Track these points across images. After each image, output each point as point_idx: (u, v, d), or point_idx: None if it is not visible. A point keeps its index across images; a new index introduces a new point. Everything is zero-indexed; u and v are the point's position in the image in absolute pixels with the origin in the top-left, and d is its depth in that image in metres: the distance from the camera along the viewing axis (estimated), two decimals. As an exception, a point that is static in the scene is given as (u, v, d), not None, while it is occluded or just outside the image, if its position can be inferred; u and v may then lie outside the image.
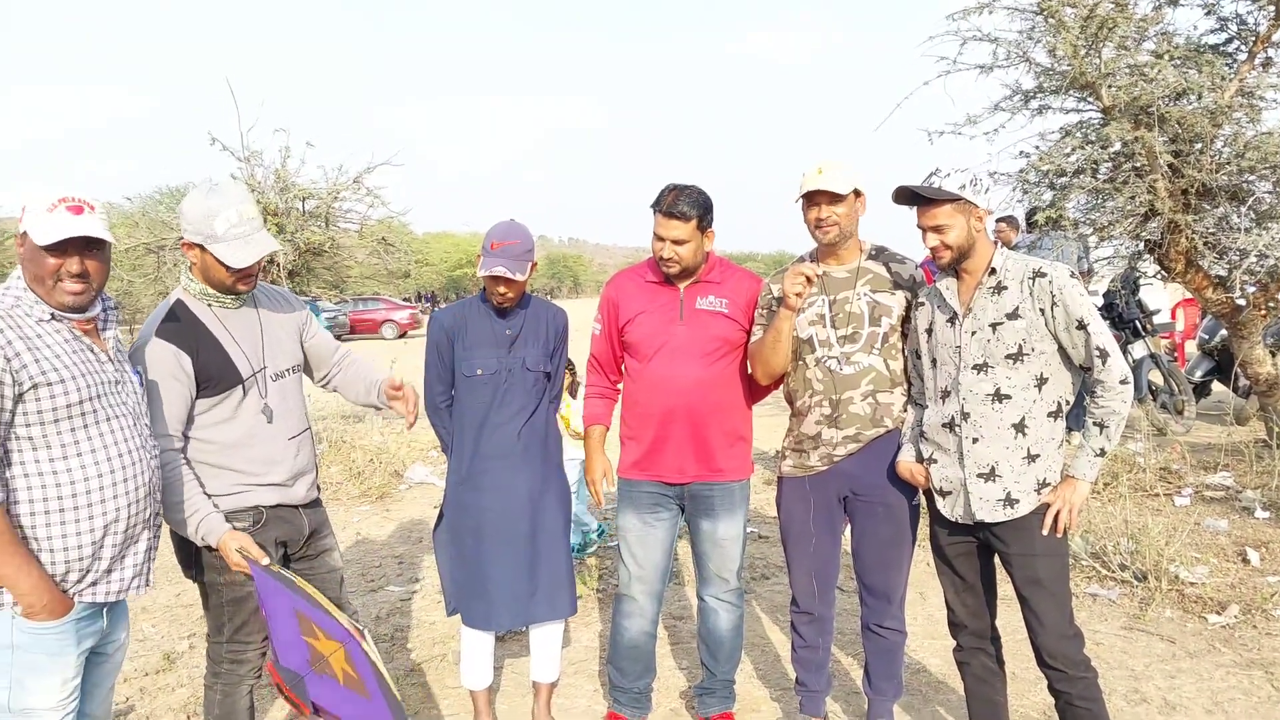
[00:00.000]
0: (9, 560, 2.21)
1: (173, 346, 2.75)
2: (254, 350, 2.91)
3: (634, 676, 3.61)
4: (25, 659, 2.28)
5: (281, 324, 3.06)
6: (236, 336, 2.88)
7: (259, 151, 8.35)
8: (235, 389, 2.84)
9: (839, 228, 3.18)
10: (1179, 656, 4.23)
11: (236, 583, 2.88)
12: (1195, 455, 7.40)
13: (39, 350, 2.27)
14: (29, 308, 2.32)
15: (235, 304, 2.91)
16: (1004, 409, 2.91)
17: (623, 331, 3.51)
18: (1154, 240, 6.37)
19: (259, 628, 2.97)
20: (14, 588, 2.24)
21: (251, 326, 2.94)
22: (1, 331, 2.22)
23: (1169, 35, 5.95)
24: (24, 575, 2.23)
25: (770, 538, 6.14)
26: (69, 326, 2.37)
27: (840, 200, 3.14)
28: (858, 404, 3.23)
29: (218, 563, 2.85)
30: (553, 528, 3.53)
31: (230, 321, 2.89)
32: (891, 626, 3.38)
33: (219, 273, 2.79)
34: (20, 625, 2.27)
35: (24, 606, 2.25)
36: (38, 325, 2.31)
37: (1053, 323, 2.85)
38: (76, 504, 2.32)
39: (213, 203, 2.73)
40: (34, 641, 2.28)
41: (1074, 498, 2.88)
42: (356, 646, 2.65)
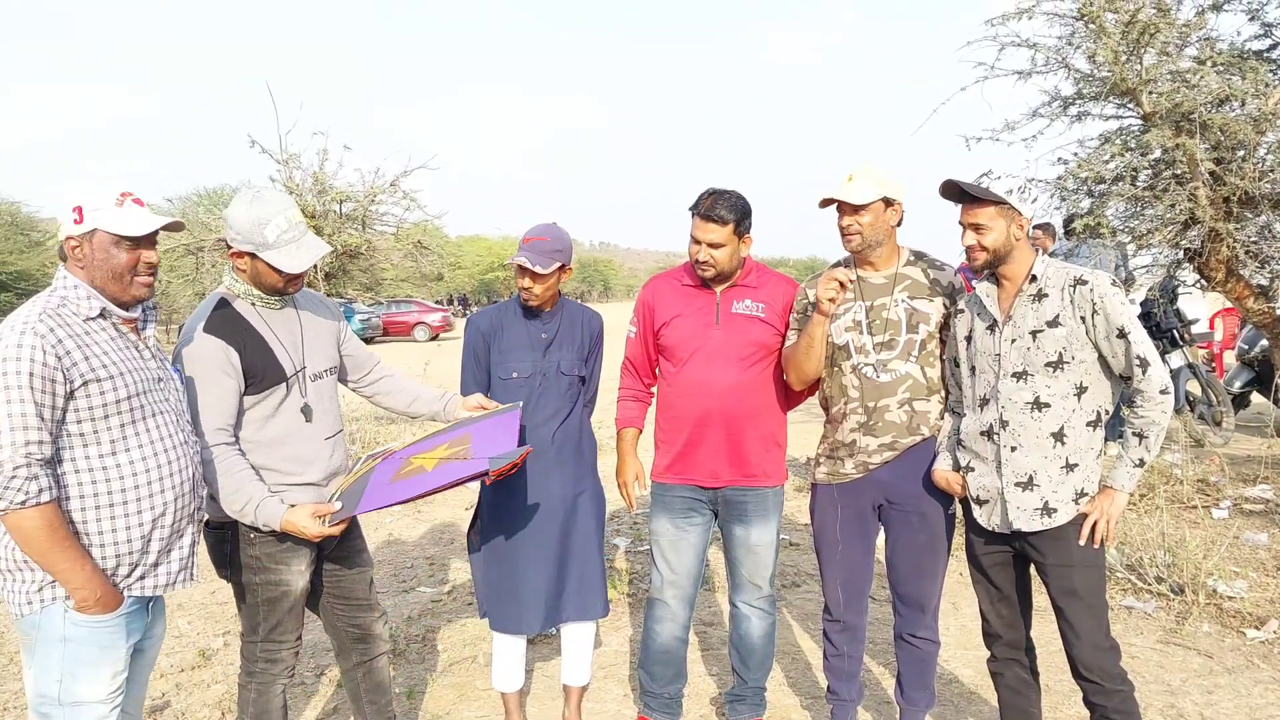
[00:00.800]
0: (63, 555, 2.26)
1: (221, 342, 2.79)
2: (295, 349, 2.96)
3: (665, 681, 3.61)
4: (77, 652, 2.34)
5: (320, 326, 3.10)
6: (280, 336, 2.93)
7: (297, 154, 8.44)
8: (279, 386, 2.88)
9: (861, 237, 3.17)
10: (1216, 672, 4.17)
11: (271, 582, 2.92)
12: (1234, 467, 7.30)
13: (88, 348, 2.32)
14: (76, 306, 2.36)
15: (278, 304, 2.95)
16: (1043, 417, 2.88)
17: (658, 334, 3.51)
18: (1194, 248, 6.29)
19: (293, 627, 3.01)
20: (68, 582, 2.28)
21: (292, 327, 2.99)
22: (53, 330, 2.26)
23: (1212, 41, 5.86)
24: (78, 569, 2.28)
25: (801, 545, 6.12)
26: (114, 324, 2.43)
27: (862, 210, 3.14)
28: (894, 411, 3.21)
29: (254, 562, 2.89)
30: (586, 530, 3.54)
31: (273, 320, 2.93)
32: (925, 636, 3.36)
33: (271, 278, 2.83)
34: (73, 619, 2.32)
35: (77, 600, 2.30)
36: (85, 324, 2.36)
37: (1093, 331, 2.83)
38: (125, 499, 2.37)
39: (260, 211, 2.77)
40: (87, 635, 2.34)
41: (1112, 509, 2.85)
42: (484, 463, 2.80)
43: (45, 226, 31.61)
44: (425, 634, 4.84)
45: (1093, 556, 2.89)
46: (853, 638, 3.44)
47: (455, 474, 2.83)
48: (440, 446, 3.02)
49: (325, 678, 4.33)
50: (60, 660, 2.33)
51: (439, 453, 2.97)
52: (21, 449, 2.19)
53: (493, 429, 3.07)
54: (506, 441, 2.96)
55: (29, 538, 2.23)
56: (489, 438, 2.99)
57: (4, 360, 2.19)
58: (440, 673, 4.36)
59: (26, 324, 2.24)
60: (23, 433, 2.19)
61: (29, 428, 2.19)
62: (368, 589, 3.24)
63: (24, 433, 2.19)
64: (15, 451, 2.18)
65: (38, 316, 2.27)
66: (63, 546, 2.26)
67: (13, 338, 2.22)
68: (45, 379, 2.22)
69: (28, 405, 2.19)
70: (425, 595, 5.47)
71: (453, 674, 4.36)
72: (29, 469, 2.20)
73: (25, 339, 2.21)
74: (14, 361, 2.19)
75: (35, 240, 30.12)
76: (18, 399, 2.18)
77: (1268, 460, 7.12)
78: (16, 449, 2.18)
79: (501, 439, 2.98)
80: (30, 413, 2.20)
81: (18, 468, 2.18)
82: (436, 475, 2.84)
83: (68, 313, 2.34)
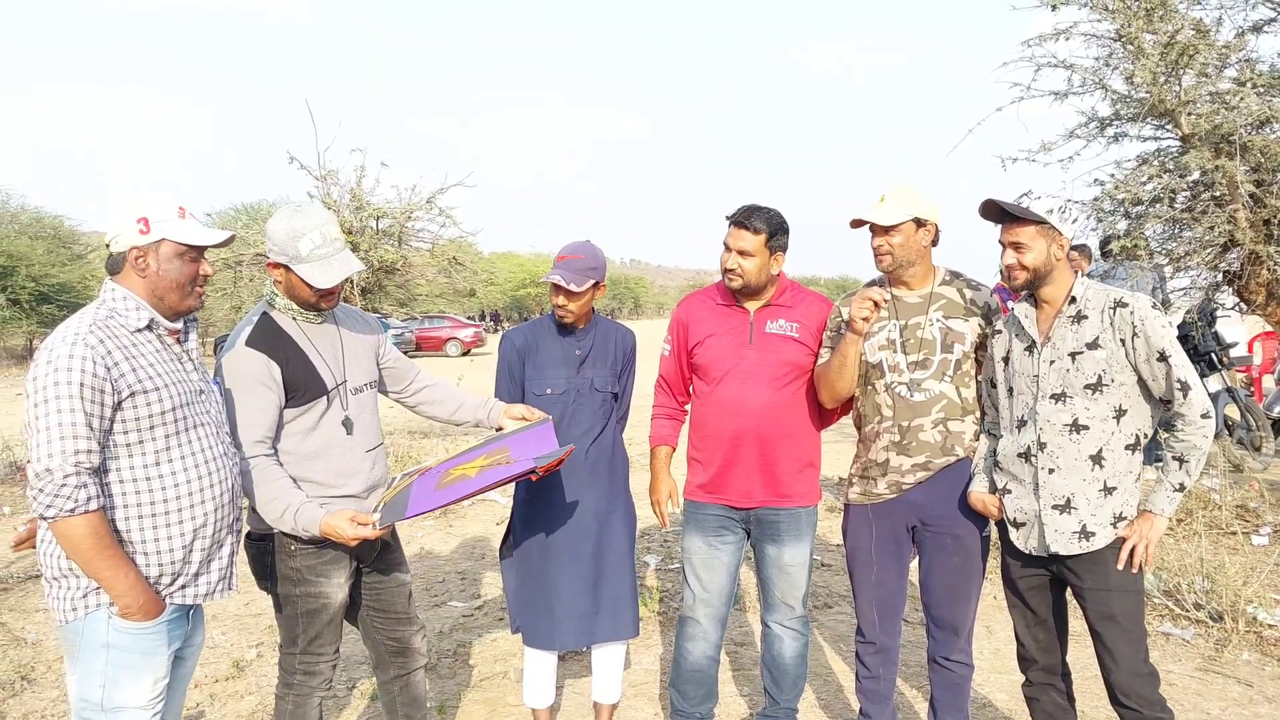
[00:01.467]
0: (108, 562, 2.31)
1: (263, 356, 2.83)
2: (336, 363, 3.00)
3: (696, 701, 3.59)
4: (120, 658, 2.39)
5: (360, 341, 3.14)
6: (320, 350, 2.97)
7: (335, 170, 8.54)
8: (320, 400, 2.92)
9: (892, 257, 3.18)
10: (1256, 701, 4.10)
11: (311, 594, 2.95)
12: (1274, 493, 7.18)
13: (135, 359, 2.37)
14: (124, 319, 2.41)
15: (318, 319, 3.00)
16: (1081, 440, 2.86)
17: (692, 353, 3.52)
18: (1233, 271, 6.22)
19: (331, 640, 3.03)
20: (112, 589, 2.34)
21: (333, 341, 3.03)
22: (102, 341, 2.32)
23: (1252, 62, 5.81)
24: (122, 577, 2.33)
25: (834, 566, 6.08)
26: (160, 336, 2.48)
27: (892, 231, 3.14)
28: (928, 431, 3.20)
29: (294, 574, 2.93)
30: (618, 547, 3.55)
31: (314, 335, 2.98)
32: (959, 660, 3.32)
33: (303, 291, 2.88)
34: (116, 625, 2.37)
35: (120, 607, 2.35)
36: (132, 335, 2.41)
37: (1133, 354, 2.81)
38: (168, 509, 2.42)
39: (297, 224, 2.82)
40: (130, 641, 2.39)
41: (1150, 533, 2.82)
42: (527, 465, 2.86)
43: (87, 240, 32.15)
44: (456, 649, 4.86)
45: (1131, 581, 2.87)
46: (886, 660, 3.41)
47: (501, 475, 2.87)
48: (479, 458, 3.06)
49: (357, 690, 4.35)
50: (104, 666, 2.38)
51: (479, 463, 3.02)
52: (71, 457, 2.23)
53: (529, 440, 3.11)
54: (546, 446, 3.01)
55: (76, 545, 2.28)
56: (526, 447, 3.03)
57: (55, 371, 2.24)
58: (471, 688, 4.38)
59: (78, 335, 2.29)
60: (72, 441, 2.23)
61: (79, 437, 2.24)
62: (407, 602, 3.26)
63: (74, 441, 2.23)
64: (65, 460, 2.23)
65: (88, 328, 2.32)
66: (108, 554, 2.31)
67: (64, 349, 2.27)
68: (95, 389, 2.26)
69: (78, 415, 2.24)
70: (457, 610, 5.49)
71: (484, 689, 4.37)
72: (78, 477, 2.24)
73: (76, 350, 2.26)
74: (65, 372, 2.24)
75: (77, 254, 30.65)
76: (68, 408, 2.23)
77: (1309, 486, 7.01)
78: (66, 457, 2.23)
79: (539, 446, 3.02)
80: (80, 422, 2.24)
81: (67, 476, 2.23)
82: (481, 479, 2.88)
83: (116, 325, 2.39)
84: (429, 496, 2.88)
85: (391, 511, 2.88)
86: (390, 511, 2.89)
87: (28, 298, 26.47)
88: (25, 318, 26.91)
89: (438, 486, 2.93)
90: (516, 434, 3.22)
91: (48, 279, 27.11)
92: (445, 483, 2.94)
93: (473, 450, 3.19)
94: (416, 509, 2.83)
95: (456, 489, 2.87)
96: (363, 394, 3.10)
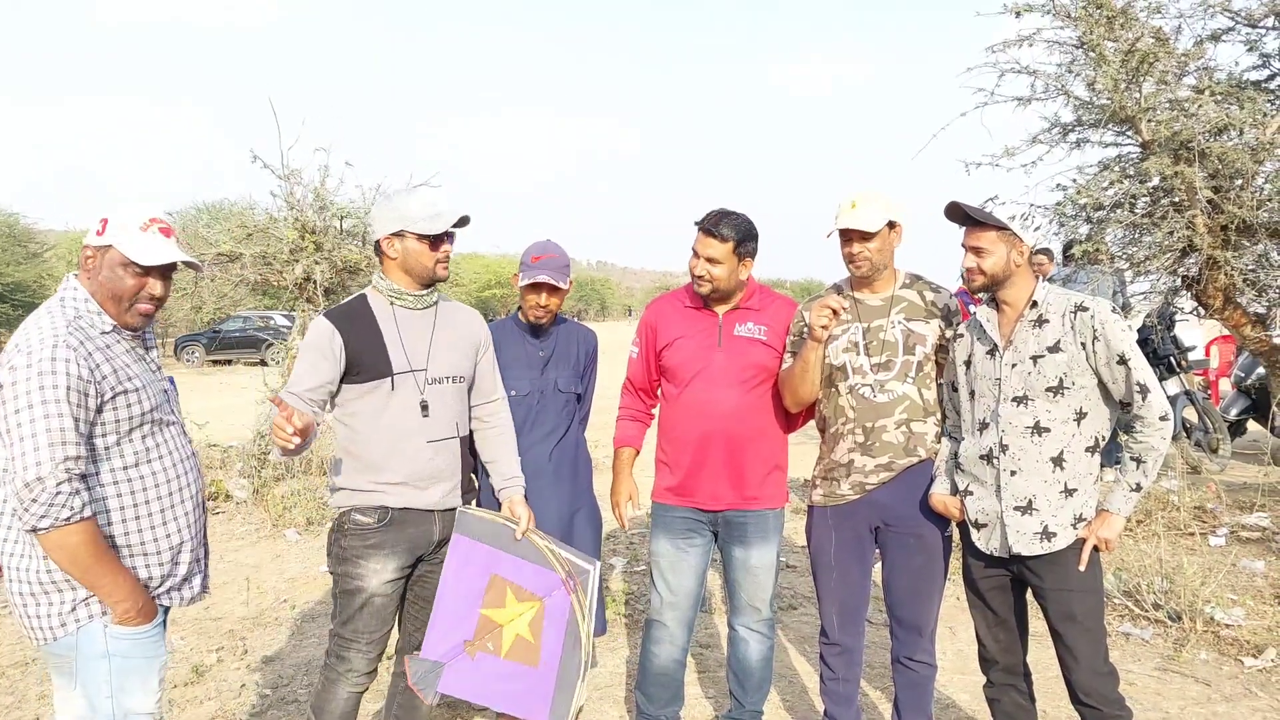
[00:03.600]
0: (106, 569, 2.27)
1: (331, 325, 2.93)
2: (417, 351, 3.03)
3: (662, 704, 3.58)
4: (124, 665, 2.35)
5: (457, 336, 3.16)
6: (404, 334, 3.00)
7: (299, 170, 8.45)
8: (384, 380, 2.95)
9: (871, 263, 3.19)
10: (1214, 700, 4.16)
11: (350, 575, 2.97)
12: (1230, 494, 7.29)
13: (112, 360, 2.33)
14: (91, 319, 2.36)
15: (418, 305, 3.05)
16: (1043, 442, 2.89)
17: (660, 355, 3.52)
18: (1192, 276, 6.31)
19: (365, 629, 3.00)
20: (110, 595, 2.29)
21: (424, 330, 3.06)
22: (82, 343, 2.26)
23: (1210, 71, 5.90)
24: (121, 582, 2.30)
25: (799, 567, 6.10)
26: (127, 338, 2.45)
27: (872, 237, 3.15)
28: (890, 432, 3.21)
29: (340, 552, 2.98)
30: (582, 549, 3.53)
31: (403, 319, 3.02)
32: (921, 660, 3.34)
33: (423, 258, 2.98)
34: (114, 633, 2.33)
35: (118, 613, 2.31)
36: (103, 336, 2.37)
37: (1093, 357, 2.84)
38: (151, 509, 2.40)
39: (405, 196, 3.02)
40: (131, 647, 2.35)
41: (1108, 532, 2.87)
42: (564, 598, 2.94)
43: (43, 238, 31.59)
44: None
45: (1091, 581, 2.90)
46: (849, 661, 3.41)
47: (508, 702, 3.05)
48: (511, 593, 3.07)
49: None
50: (108, 676, 2.33)
51: (510, 612, 3.06)
52: (61, 464, 2.16)
53: (558, 618, 3.13)
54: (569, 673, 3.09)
55: (74, 554, 2.21)
56: (556, 638, 3.09)
57: (40, 375, 2.16)
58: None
59: (57, 337, 2.22)
60: (61, 448, 2.16)
61: (67, 442, 2.17)
62: None
63: (62, 448, 2.16)
64: (56, 467, 2.15)
65: (66, 330, 2.25)
66: (104, 560, 2.26)
67: (46, 352, 2.18)
68: (80, 392, 2.20)
69: (65, 419, 2.17)
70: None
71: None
72: (70, 484, 2.18)
73: (59, 352, 2.19)
74: (50, 375, 2.17)
75: (33, 252, 30.08)
76: (55, 413, 2.16)
77: (1264, 488, 7.11)
78: (57, 465, 2.15)
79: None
80: (69, 427, 2.18)
81: (60, 484, 2.15)
82: (494, 688, 3.02)
83: (85, 324, 2.33)
84: (460, 660, 3.00)
85: (428, 679, 2.97)
86: (427, 679, 2.97)
87: (-18, 297, 25.98)
88: (-20, 317, 26.41)
89: (473, 641, 3.02)
90: (557, 595, 3.18)
91: (2, 278, 26.58)
92: (478, 642, 3.02)
93: (512, 561, 3.13)
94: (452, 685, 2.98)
95: (475, 673, 3.00)
96: (443, 385, 3.08)
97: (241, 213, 9.68)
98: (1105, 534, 2.86)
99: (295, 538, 7.02)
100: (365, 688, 3.07)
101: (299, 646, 4.86)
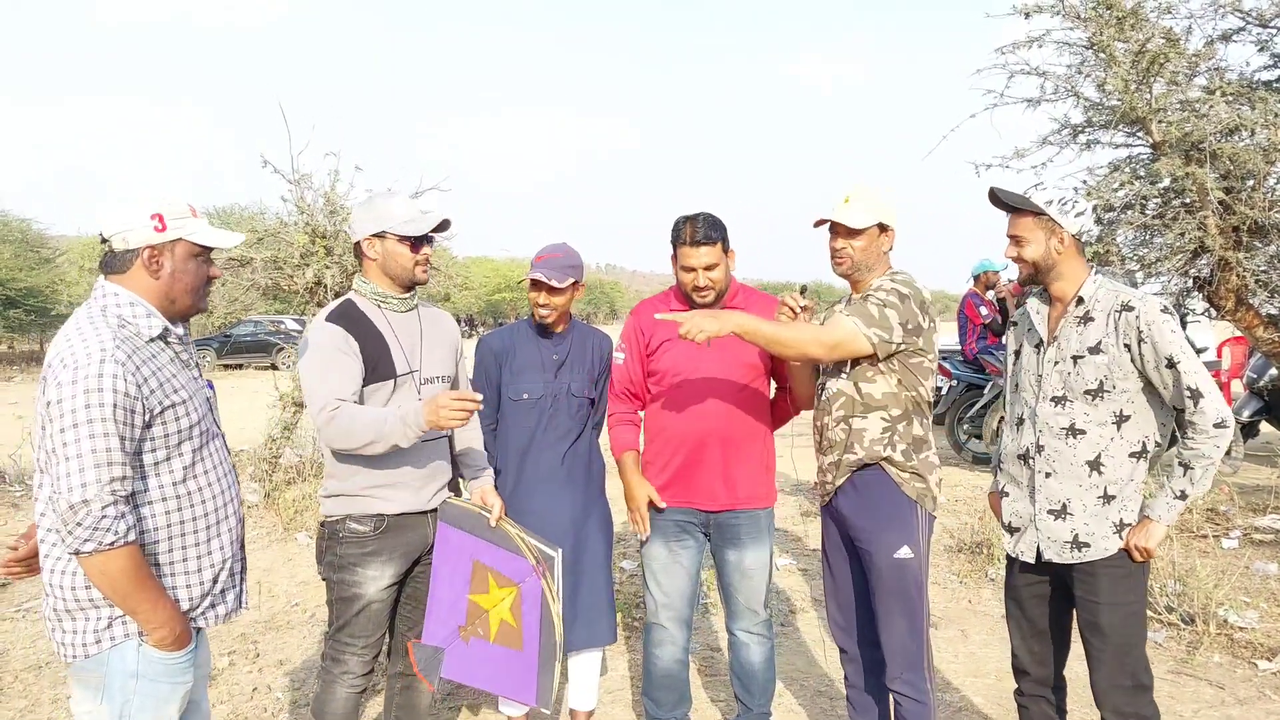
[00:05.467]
0: (147, 595, 2.18)
1: (342, 330, 2.93)
2: (412, 351, 3.06)
3: (669, 706, 3.58)
4: (150, 688, 2.25)
5: (441, 336, 3.21)
6: (399, 335, 3.04)
7: (309, 174, 8.46)
8: (389, 382, 2.98)
9: (851, 262, 3.10)
10: (1228, 703, 4.14)
11: (346, 582, 2.98)
12: (1243, 496, 7.26)
13: (159, 373, 2.23)
14: (136, 327, 2.26)
15: (402, 308, 3.07)
16: (1078, 444, 2.79)
17: (649, 359, 3.50)
18: (1203, 277, 6.28)
19: (361, 634, 3.02)
20: (148, 621, 2.20)
21: (413, 330, 3.10)
22: (130, 356, 2.16)
23: (1221, 71, 5.88)
24: (160, 608, 2.21)
25: (809, 570, 6.09)
26: (169, 344, 2.35)
27: (858, 234, 3.06)
28: (832, 429, 3.16)
29: (336, 560, 2.98)
30: (595, 554, 3.54)
31: (394, 321, 3.05)
32: (903, 692, 3.09)
33: (402, 259, 3.01)
34: (147, 655, 2.24)
35: (155, 639, 2.22)
36: (148, 345, 2.26)
37: (1139, 359, 2.70)
38: (196, 526, 2.32)
39: (386, 199, 3.04)
40: (161, 670, 2.26)
41: (1146, 540, 2.74)
42: (535, 584, 2.97)
43: (55, 243, 31.71)
44: (431, 656, 4.81)
45: (1124, 595, 2.77)
46: (859, 669, 3.32)
47: (499, 684, 3.17)
48: (492, 579, 3.12)
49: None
50: (133, 695, 2.24)
51: (493, 597, 3.11)
52: (108, 486, 2.07)
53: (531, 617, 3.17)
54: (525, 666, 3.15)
55: (114, 579, 2.12)
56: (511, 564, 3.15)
57: (86, 392, 2.06)
58: (447, 696, 4.34)
59: (104, 351, 2.11)
60: (108, 469, 2.07)
61: (114, 463, 2.08)
62: None
63: (109, 469, 2.07)
64: (102, 489, 2.06)
65: (113, 343, 2.14)
66: (146, 586, 2.17)
67: (93, 367, 2.08)
68: (127, 409, 2.11)
69: (112, 439, 2.08)
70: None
71: (459, 697, 4.33)
72: (116, 507, 2.09)
73: (106, 368, 2.09)
74: (96, 393, 2.07)
75: (45, 257, 30.22)
76: (101, 432, 2.07)
77: (1277, 490, 7.09)
78: (103, 486, 2.07)
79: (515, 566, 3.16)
80: (115, 446, 2.08)
81: (106, 506, 2.07)
82: (486, 671, 3.12)
83: (129, 334, 2.23)
84: (456, 645, 3.08)
85: (432, 664, 3.05)
86: (430, 664, 3.05)
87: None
88: (-8, 323, 26.56)
89: (465, 625, 3.10)
90: (531, 579, 3.21)
91: (15, 283, 26.72)
92: (469, 627, 3.10)
93: (491, 547, 3.17)
94: (454, 670, 3.07)
95: (471, 656, 3.09)
96: (434, 385, 3.13)
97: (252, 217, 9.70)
98: (1143, 542, 2.73)
99: (306, 541, 7.03)
100: (363, 689, 3.08)
101: (311, 649, 4.87)
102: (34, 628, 5.21)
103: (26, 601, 5.65)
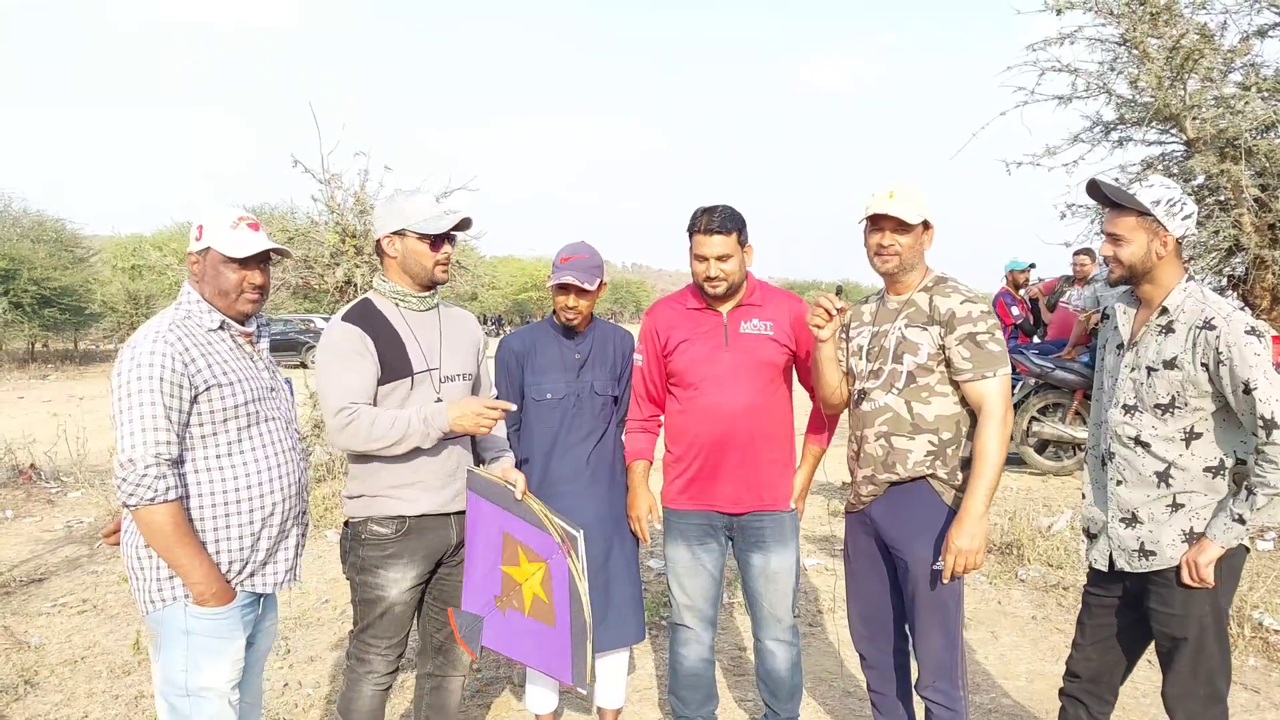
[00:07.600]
0: (185, 550, 2.47)
1: (358, 329, 2.96)
2: (431, 350, 3.07)
3: (696, 705, 3.57)
4: (200, 643, 2.55)
5: (461, 335, 3.22)
6: (416, 334, 3.05)
7: (339, 174, 8.52)
8: (405, 380, 2.99)
9: (900, 259, 2.97)
10: (1264, 707, 4.08)
11: (369, 584, 3.01)
12: (1279, 498, 7.15)
13: (210, 356, 2.56)
14: (199, 319, 2.61)
15: (421, 307, 3.10)
16: (1145, 456, 2.71)
17: (667, 360, 3.46)
18: (1238, 275, 6.22)
19: (384, 634, 3.05)
20: (187, 576, 2.49)
21: (432, 329, 3.11)
22: (180, 339, 2.51)
23: (1257, 67, 5.82)
24: (197, 564, 2.49)
25: (839, 570, 6.04)
26: (232, 336, 2.67)
27: (907, 230, 2.94)
28: (871, 444, 3.05)
29: (359, 561, 3.02)
30: (623, 553, 3.53)
31: (412, 320, 3.07)
32: (935, 700, 3.02)
33: (422, 258, 3.02)
34: (193, 613, 2.54)
35: (195, 594, 2.51)
36: (208, 334, 2.61)
37: (1219, 381, 2.57)
38: (239, 498, 2.60)
39: (409, 196, 3.06)
40: (208, 626, 2.55)
41: (1199, 557, 2.63)
42: (561, 562, 2.96)
43: (89, 243, 32.14)
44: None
45: (1195, 607, 2.68)
46: (879, 676, 3.26)
47: (537, 658, 3.15)
48: (522, 553, 3.10)
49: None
50: (185, 651, 2.54)
51: (525, 570, 3.10)
52: (153, 449, 2.41)
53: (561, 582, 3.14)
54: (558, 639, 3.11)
55: (155, 532, 2.44)
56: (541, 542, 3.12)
57: (138, 366, 2.43)
58: (474, 694, 4.36)
59: (158, 334, 2.48)
60: (153, 433, 2.41)
61: (159, 429, 2.42)
62: None
63: (154, 433, 2.41)
64: (147, 451, 2.40)
65: (168, 327, 2.51)
66: (185, 542, 2.47)
67: (146, 345, 2.45)
68: (173, 384, 2.45)
69: (158, 408, 2.42)
70: (459, 614, 5.46)
71: (487, 694, 4.35)
72: (158, 468, 2.41)
73: (156, 346, 2.45)
74: (145, 368, 2.43)
75: (79, 257, 30.64)
76: (149, 401, 2.42)
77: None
78: (148, 448, 2.40)
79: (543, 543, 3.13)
80: (160, 414, 2.42)
81: (148, 466, 2.40)
82: (524, 644, 3.12)
83: (192, 324, 2.59)
84: (492, 614, 3.11)
85: (472, 630, 3.10)
86: (470, 630, 3.10)
87: (30, 301, 26.46)
88: (27, 321, 26.90)
89: (501, 596, 3.12)
90: (558, 558, 3.16)
91: (50, 282, 27.10)
92: (505, 599, 3.11)
93: (521, 522, 3.13)
94: (494, 639, 3.11)
95: (509, 626, 3.11)
96: (454, 383, 3.14)
97: (283, 217, 9.77)
98: (1195, 557, 2.63)
99: (335, 538, 7.08)
100: (388, 686, 3.11)
101: (341, 646, 4.90)
102: (69, 623, 5.28)
103: (61, 597, 5.73)
